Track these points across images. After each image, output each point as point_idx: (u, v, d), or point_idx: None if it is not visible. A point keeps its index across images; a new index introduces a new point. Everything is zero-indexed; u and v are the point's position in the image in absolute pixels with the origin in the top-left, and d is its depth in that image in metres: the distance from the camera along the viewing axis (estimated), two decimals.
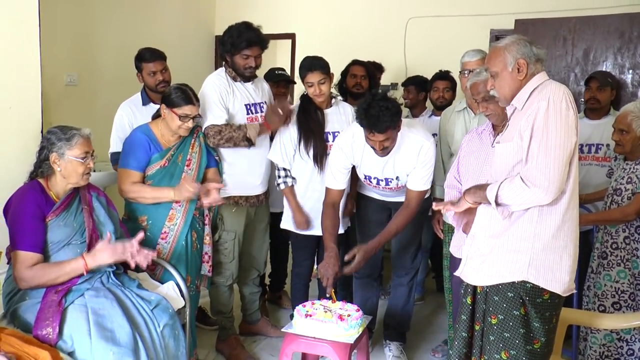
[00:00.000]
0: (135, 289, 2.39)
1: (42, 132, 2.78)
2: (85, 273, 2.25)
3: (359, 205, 3.22)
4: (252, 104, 3.06)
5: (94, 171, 2.42)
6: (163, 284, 2.63)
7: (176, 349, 2.35)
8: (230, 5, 5.82)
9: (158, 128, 2.77)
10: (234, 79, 3.03)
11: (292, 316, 2.62)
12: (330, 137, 3.08)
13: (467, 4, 4.86)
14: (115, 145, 3.14)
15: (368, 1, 5.32)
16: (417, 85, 4.13)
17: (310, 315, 2.44)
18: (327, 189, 2.96)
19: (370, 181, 2.97)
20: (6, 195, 2.33)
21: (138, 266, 2.33)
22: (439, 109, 3.88)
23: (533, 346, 1.96)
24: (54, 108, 3.91)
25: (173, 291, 2.59)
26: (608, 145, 3.24)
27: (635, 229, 2.71)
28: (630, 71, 3.76)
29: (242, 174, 3.05)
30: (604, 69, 3.77)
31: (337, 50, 4.33)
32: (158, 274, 2.70)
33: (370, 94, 2.65)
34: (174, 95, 2.67)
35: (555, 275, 1.93)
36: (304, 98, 3.11)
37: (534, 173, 1.84)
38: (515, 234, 1.95)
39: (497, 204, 1.92)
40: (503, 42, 2.02)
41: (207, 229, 2.91)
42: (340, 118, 3.13)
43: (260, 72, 3.23)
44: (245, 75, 3.01)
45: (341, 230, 3.10)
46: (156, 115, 2.84)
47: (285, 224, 3.24)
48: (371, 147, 2.73)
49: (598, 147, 3.33)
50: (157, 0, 5.14)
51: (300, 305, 2.55)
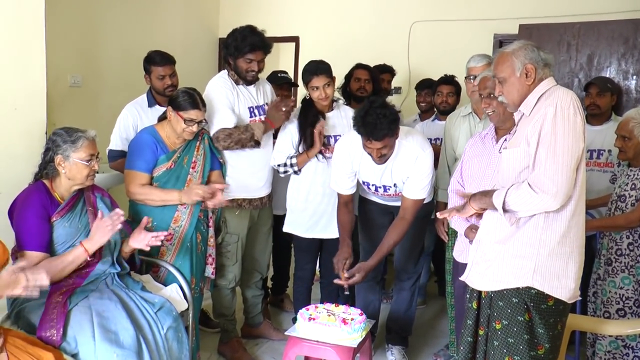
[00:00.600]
0: (139, 291, 2.39)
1: (47, 134, 2.78)
2: (88, 258, 2.24)
3: (362, 209, 3.21)
4: (255, 107, 3.07)
5: (98, 172, 2.41)
6: (167, 286, 2.63)
7: (179, 352, 2.36)
8: (234, 8, 5.83)
9: (164, 130, 2.77)
10: (237, 82, 3.04)
11: (295, 319, 2.62)
12: (331, 141, 3.09)
13: (472, 9, 4.86)
14: (115, 143, 3.15)
15: (372, 5, 5.32)
16: (431, 89, 4.11)
17: (314, 319, 2.44)
18: (337, 193, 2.97)
19: (369, 187, 2.97)
20: (11, 194, 2.33)
21: (142, 268, 2.32)
22: (442, 113, 3.88)
23: (537, 352, 1.95)
24: (58, 109, 3.92)
25: (176, 293, 2.59)
26: (610, 150, 3.24)
27: (639, 235, 2.70)
28: (634, 77, 3.76)
29: (246, 176, 3.05)
30: (607, 75, 3.77)
31: (341, 54, 4.32)
32: (162, 276, 2.70)
33: (368, 101, 2.63)
34: (181, 98, 2.68)
35: (561, 281, 1.92)
36: (305, 102, 3.11)
37: (541, 179, 1.84)
38: (520, 240, 1.95)
39: (504, 210, 1.92)
40: (510, 48, 2.01)
41: (211, 231, 2.91)
42: (342, 122, 3.14)
43: (263, 75, 3.23)
44: (247, 79, 3.02)
45: None
46: (162, 117, 2.85)
47: (288, 227, 3.24)
48: (368, 155, 2.73)
49: (600, 153, 3.32)
50: (161, 3, 5.15)
51: (304, 309, 2.55)
